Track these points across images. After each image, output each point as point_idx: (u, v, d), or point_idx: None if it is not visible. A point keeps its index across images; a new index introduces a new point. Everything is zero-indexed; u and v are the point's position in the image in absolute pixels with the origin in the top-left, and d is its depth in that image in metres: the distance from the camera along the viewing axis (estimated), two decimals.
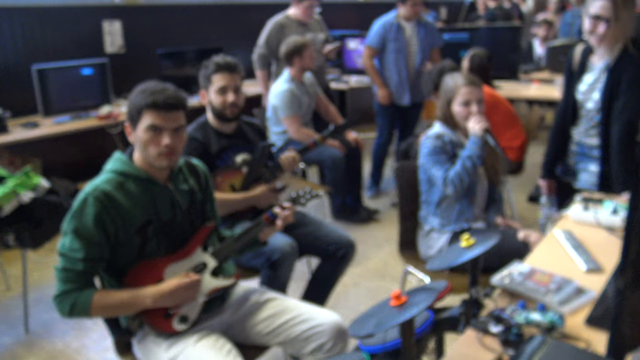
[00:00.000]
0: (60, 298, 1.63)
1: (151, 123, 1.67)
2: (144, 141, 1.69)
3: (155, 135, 1.68)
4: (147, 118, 1.67)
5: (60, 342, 2.80)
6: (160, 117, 1.67)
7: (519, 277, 1.53)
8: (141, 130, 1.68)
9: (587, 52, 2.46)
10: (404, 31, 4.34)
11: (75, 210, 1.64)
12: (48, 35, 4.78)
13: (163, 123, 1.68)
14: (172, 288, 1.66)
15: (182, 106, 1.72)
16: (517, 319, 1.27)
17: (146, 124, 1.67)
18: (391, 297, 1.18)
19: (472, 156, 2.22)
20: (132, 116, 1.69)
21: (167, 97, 1.67)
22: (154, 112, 1.67)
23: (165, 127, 1.69)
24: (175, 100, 1.69)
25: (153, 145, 1.69)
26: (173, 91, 1.71)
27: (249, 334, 1.85)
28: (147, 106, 1.66)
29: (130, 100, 1.70)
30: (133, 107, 1.68)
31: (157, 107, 1.66)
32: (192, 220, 1.86)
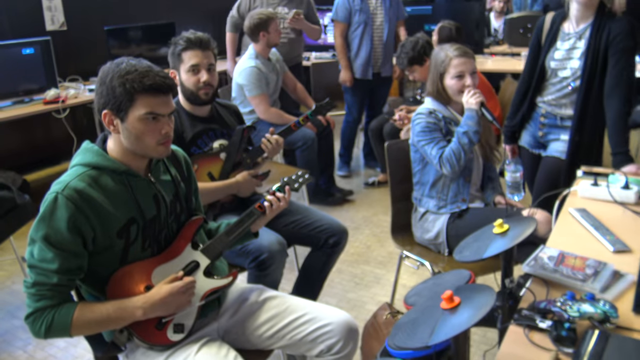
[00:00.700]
0: (33, 317, 1.39)
1: (149, 110, 1.44)
2: (139, 131, 1.45)
3: (153, 123, 1.45)
4: (142, 104, 1.43)
5: (23, 353, 2.53)
6: (158, 103, 1.44)
7: (550, 263, 1.42)
8: (135, 119, 1.44)
9: (557, 20, 2.39)
10: (368, 2, 4.16)
11: (44, 214, 1.39)
12: None
13: (161, 109, 1.46)
14: (165, 295, 1.46)
15: (175, 88, 1.50)
16: (571, 313, 1.15)
17: (142, 112, 1.43)
18: (442, 298, 1.03)
19: (468, 132, 2.10)
20: (118, 103, 1.43)
21: (163, 78, 1.45)
22: (151, 97, 1.43)
23: (163, 113, 1.46)
24: (170, 81, 1.47)
25: (151, 134, 1.46)
26: (161, 70, 1.48)
27: (249, 338, 1.67)
28: (143, 91, 1.42)
29: (109, 84, 1.43)
30: (120, 93, 1.42)
31: (154, 92, 1.43)
32: (177, 215, 1.65)
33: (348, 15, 4.16)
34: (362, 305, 2.75)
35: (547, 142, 2.52)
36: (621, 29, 2.16)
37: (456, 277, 1.50)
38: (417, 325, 1.03)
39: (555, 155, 2.43)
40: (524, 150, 2.62)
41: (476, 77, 2.18)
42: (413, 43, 3.46)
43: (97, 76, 1.48)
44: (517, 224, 1.34)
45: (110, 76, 1.43)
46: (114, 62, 1.47)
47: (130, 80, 1.41)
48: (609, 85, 2.20)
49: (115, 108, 1.44)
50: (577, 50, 2.31)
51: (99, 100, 1.47)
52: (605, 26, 2.20)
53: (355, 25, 4.17)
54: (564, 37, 2.35)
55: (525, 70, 2.56)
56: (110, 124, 1.47)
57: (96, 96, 1.48)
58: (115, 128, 1.47)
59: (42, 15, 4.81)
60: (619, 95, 2.17)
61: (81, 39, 5.05)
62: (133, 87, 1.41)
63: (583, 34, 2.29)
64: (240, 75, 3.63)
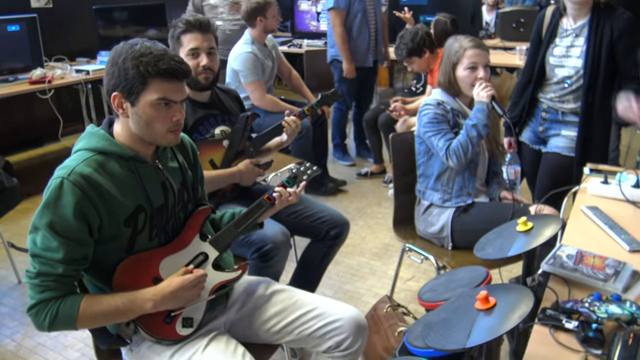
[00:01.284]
0: (36, 309, 1.33)
1: (162, 95, 1.37)
2: (149, 116, 1.38)
3: (165, 110, 1.39)
4: (155, 89, 1.36)
5: (11, 342, 2.45)
6: (172, 89, 1.38)
7: (569, 262, 1.40)
8: (146, 104, 1.37)
9: (557, 15, 2.37)
10: None
11: (48, 200, 1.32)
12: None
13: (175, 95, 1.39)
14: (176, 287, 1.40)
15: (190, 74, 1.43)
16: (599, 314, 1.13)
17: (154, 97, 1.36)
18: (477, 298, 1.00)
19: (477, 125, 2.07)
20: (130, 86, 1.36)
21: (179, 63, 1.38)
22: (165, 82, 1.37)
23: (176, 100, 1.40)
24: (186, 66, 1.40)
25: (161, 121, 1.39)
26: (176, 55, 1.41)
27: (256, 332, 1.63)
28: (157, 75, 1.35)
29: (122, 65, 1.36)
30: (132, 75, 1.35)
31: (169, 76, 1.36)
32: (185, 204, 1.59)
33: (348, 3, 4.09)
34: (359, 297, 2.73)
35: (547, 137, 2.51)
36: (624, 27, 2.15)
37: (472, 274, 1.48)
38: (451, 325, 0.99)
39: (556, 151, 2.43)
40: (524, 145, 2.61)
41: (488, 70, 2.15)
42: (412, 34, 3.42)
43: (109, 56, 1.42)
44: (542, 223, 1.31)
45: (124, 57, 1.36)
46: (128, 43, 1.40)
47: (144, 63, 1.34)
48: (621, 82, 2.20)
49: (126, 91, 1.37)
50: (575, 48, 2.30)
51: (109, 81, 1.40)
52: (605, 23, 2.19)
53: (354, 13, 4.10)
54: (563, 34, 2.34)
55: (527, 64, 2.55)
56: (119, 107, 1.40)
57: (106, 77, 1.40)
58: (124, 112, 1.40)
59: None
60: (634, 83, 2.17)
61: (67, 18, 4.90)
62: (147, 70, 1.34)
63: (581, 31, 2.27)
64: (236, 60, 3.55)
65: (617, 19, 2.17)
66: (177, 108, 1.43)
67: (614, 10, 2.19)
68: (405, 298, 2.69)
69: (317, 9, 5.60)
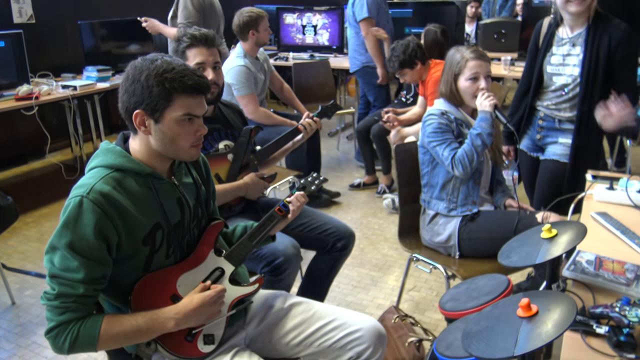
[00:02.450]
0: (56, 332, 1.29)
1: (187, 111, 1.36)
2: (175, 132, 1.37)
3: (188, 125, 1.38)
4: (180, 105, 1.35)
5: None
6: (195, 104, 1.37)
7: (590, 267, 1.42)
8: (172, 120, 1.35)
9: (553, 25, 2.43)
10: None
11: (67, 220, 1.29)
12: None
13: (198, 110, 1.39)
14: (197, 305, 1.38)
15: (210, 88, 1.42)
16: (630, 318, 1.15)
17: (180, 113, 1.35)
18: (519, 306, 1.00)
19: (482, 134, 2.10)
20: (154, 103, 1.34)
21: (201, 77, 1.37)
22: (190, 98, 1.36)
23: (199, 115, 1.39)
24: (207, 80, 1.40)
25: (186, 137, 1.38)
26: (197, 69, 1.41)
27: (276, 346, 1.61)
28: (183, 91, 1.34)
29: (145, 82, 1.33)
30: (157, 93, 1.33)
31: (194, 92, 1.36)
32: (199, 220, 1.57)
33: (376, 13, 4.22)
34: (363, 309, 2.72)
35: (544, 145, 2.55)
36: (621, 37, 2.20)
37: (493, 282, 1.49)
38: (495, 334, 0.99)
39: (554, 159, 2.47)
40: (522, 153, 2.65)
41: (490, 80, 2.18)
42: (404, 46, 3.46)
43: (125, 72, 1.39)
44: (566, 229, 1.33)
45: (146, 74, 1.34)
46: (147, 59, 1.37)
47: (169, 79, 1.33)
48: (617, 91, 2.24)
49: (150, 108, 1.35)
50: (572, 57, 2.34)
51: (129, 99, 1.37)
52: (603, 33, 2.24)
53: (382, 21, 4.26)
54: (559, 42, 2.38)
55: (524, 74, 2.59)
56: (141, 125, 1.38)
57: (125, 94, 1.37)
58: (147, 129, 1.38)
59: (9, 7, 4.57)
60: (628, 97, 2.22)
61: (50, 34, 4.84)
62: (173, 86, 1.33)
63: (577, 40, 2.32)
64: (229, 74, 3.53)
65: (614, 29, 2.22)
66: (200, 123, 1.42)
67: (611, 21, 2.24)
68: (409, 308, 2.69)
69: (302, 22, 5.63)
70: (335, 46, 5.61)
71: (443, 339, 1.27)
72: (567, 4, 2.21)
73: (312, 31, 5.64)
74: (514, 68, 4.62)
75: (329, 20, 5.55)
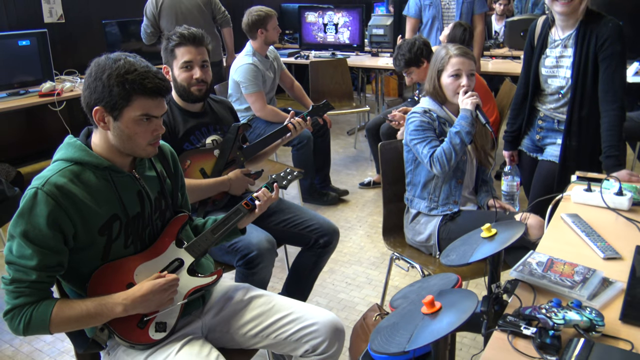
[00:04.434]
0: (11, 315, 1.37)
1: (145, 112, 1.42)
2: (132, 131, 1.42)
3: (146, 124, 1.43)
4: (139, 106, 1.40)
5: (8, 347, 2.51)
6: (154, 105, 1.43)
7: (538, 269, 1.40)
8: (129, 119, 1.41)
9: (547, 25, 2.36)
10: None
11: (23, 210, 1.37)
12: None
13: (156, 111, 1.44)
14: (146, 291, 1.43)
15: (170, 90, 1.48)
16: (556, 320, 1.13)
17: (138, 113, 1.41)
18: (423, 303, 1.01)
19: (461, 132, 2.08)
20: (113, 102, 1.39)
21: (162, 80, 1.42)
22: (148, 99, 1.41)
23: (157, 115, 1.44)
24: (167, 84, 1.45)
25: (143, 135, 1.44)
26: (158, 71, 1.45)
27: (233, 336, 1.65)
28: (143, 92, 1.39)
29: (106, 81, 1.39)
30: (117, 92, 1.38)
31: (152, 94, 1.41)
32: (162, 212, 1.62)
33: (419, 10, 4.22)
34: (353, 306, 2.73)
35: (544, 145, 2.50)
36: (608, 34, 2.13)
37: (444, 281, 1.48)
38: (397, 329, 1.00)
39: (551, 160, 2.41)
40: (523, 154, 2.60)
41: (473, 79, 2.15)
42: (410, 45, 3.42)
43: (89, 69, 1.45)
44: (506, 229, 1.31)
45: (108, 73, 1.39)
46: (110, 58, 1.42)
47: (130, 80, 1.38)
48: (602, 90, 2.17)
49: (109, 106, 1.41)
50: (565, 59, 2.29)
51: (90, 95, 1.42)
52: (592, 32, 2.17)
53: (425, 20, 4.23)
54: (552, 44, 2.33)
55: (522, 74, 2.53)
56: (100, 121, 1.44)
57: (87, 90, 1.43)
58: (105, 125, 1.44)
59: (40, 7, 4.79)
60: (612, 100, 2.15)
61: (79, 33, 5.03)
62: (133, 88, 1.38)
63: (568, 42, 2.26)
64: (237, 72, 3.60)
65: (603, 27, 2.15)
66: (158, 122, 1.47)
67: (601, 19, 2.17)
68: None
69: (324, 20, 5.65)
70: (356, 44, 5.61)
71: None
72: (553, 4, 2.16)
73: (334, 29, 5.66)
74: None
75: (350, 19, 5.56)
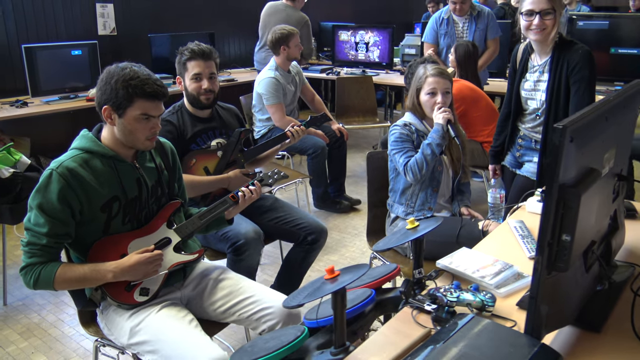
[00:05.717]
0: (25, 271, 1.68)
1: (144, 112, 1.72)
2: (133, 127, 1.73)
3: (145, 122, 1.74)
4: (139, 107, 1.72)
5: (36, 315, 2.87)
6: (152, 107, 1.74)
7: (460, 261, 1.60)
8: (131, 118, 1.72)
9: (527, 52, 2.54)
10: (455, 25, 4.42)
11: (39, 186, 1.68)
12: (40, 16, 4.81)
13: (154, 111, 1.75)
14: (133, 262, 1.72)
15: (167, 95, 1.79)
16: (450, 298, 1.33)
17: (138, 112, 1.72)
18: (325, 271, 1.25)
19: (432, 144, 2.28)
20: (118, 102, 1.71)
21: (160, 87, 1.73)
22: (147, 102, 1.72)
23: (154, 115, 1.75)
24: (165, 89, 1.76)
25: (142, 131, 1.75)
26: (157, 78, 1.76)
27: (206, 310, 1.92)
28: (143, 95, 1.70)
29: (114, 85, 1.70)
30: (122, 95, 1.69)
31: (152, 97, 1.72)
32: (158, 198, 1.92)
33: (435, 37, 4.48)
34: None
35: (523, 162, 2.66)
36: (578, 60, 2.29)
37: (385, 269, 1.70)
38: (304, 291, 1.24)
39: (526, 175, 2.58)
40: (506, 168, 2.77)
41: (449, 96, 2.36)
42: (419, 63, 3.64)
43: (102, 74, 1.77)
44: (428, 223, 1.53)
45: (115, 78, 1.71)
46: (119, 67, 1.75)
47: (132, 85, 1.69)
48: (572, 111, 2.33)
49: (115, 106, 1.73)
50: (541, 83, 2.46)
51: (101, 96, 1.75)
52: (564, 58, 2.34)
53: (441, 47, 4.50)
54: (532, 69, 2.50)
55: (507, 95, 2.71)
56: (108, 118, 1.76)
57: (99, 92, 1.76)
58: (112, 121, 1.76)
59: (95, 21, 5.29)
60: None
61: (127, 45, 5.51)
62: (135, 91, 1.69)
63: (544, 67, 2.43)
64: (260, 84, 3.93)
65: (573, 54, 2.31)
66: (155, 121, 1.78)
67: (573, 46, 2.34)
68: None
69: (356, 39, 5.93)
70: (385, 62, 5.86)
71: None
72: (527, 32, 2.34)
73: (364, 48, 5.92)
74: None
75: (380, 38, 5.81)
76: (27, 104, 4.24)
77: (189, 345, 1.64)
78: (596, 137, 1.22)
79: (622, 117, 1.40)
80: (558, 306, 1.22)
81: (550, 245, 1.12)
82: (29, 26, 4.72)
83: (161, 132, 2.41)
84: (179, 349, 1.64)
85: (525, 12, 2.30)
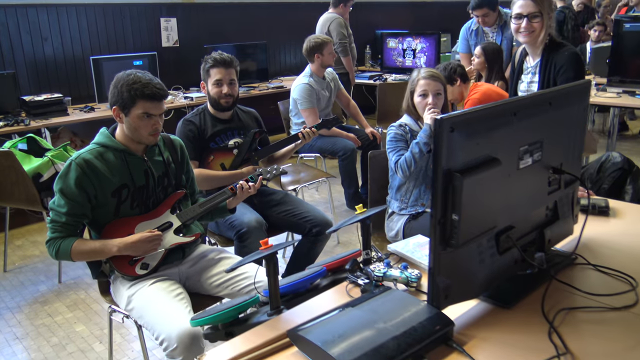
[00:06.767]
0: (49, 243, 2.02)
1: (145, 111, 2.01)
2: (137, 124, 2.03)
3: (147, 120, 2.03)
4: (141, 107, 2.01)
5: (84, 292, 3.28)
6: (152, 106, 2.02)
7: (413, 247, 1.74)
8: (135, 117, 2.02)
9: (522, 54, 2.59)
10: (485, 36, 4.53)
11: (61, 174, 2.02)
12: (111, 31, 5.36)
13: (154, 110, 2.03)
14: (135, 240, 2.01)
15: (167, 96, 2.07)
16: (377, 273, 1.50)
17: (140, 111, 2.01)
18: (261, 242, 1.46)
19: (419, 143, 2.42)
20: (124, 103, 2.01)
21: (159, 89, 2.02)
22: (148, 102, 2.01)
23: (155, 114, 2.04)
24: (164, 91, 2.04)
25: (144, 128, 2.04)
26: (159, 82, 2.05)
27: (202, 284, 2.18)
28: (143, 97, 1.99)
29: (120, 88, 2.01)
30: (126, 96, 1.99)
31: (151, 98, 2.01)
32: (164, 187, 2.20)
33: (467, 47, 4.62)
34: None
35: None
36: (563, 62, 2.34)
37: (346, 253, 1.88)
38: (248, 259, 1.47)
39: None
40: None
41: (440, 97, 2.48)
42: (444, 65, 3.75)
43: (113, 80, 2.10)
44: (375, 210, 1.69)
45: (122, 83, 2.03)
46: (126, 73, 2.06)
47: (135, 88, 1.99)
48: None
49: (121, 106, 2.04)
50: (534, 84, 2.52)
51: (111, 98, 2.08)
52: (552, 60, 2.39)
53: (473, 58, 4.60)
54: (526, 70, 2.57)
55: (509, 95, 2.78)
56: (117, 116, 2.07)
57: (110, 95, 2.08)
58: (120, 119, 2.07)
59: (160, 34, 5.80)
60: None
61: (188, 55, 5.98)
62: (136, 94, 1.99)
63: (536, 69, 2.49)
64: (295, 90, 4.18)
65: (560, 55, 2.37)
66: (156, 119, 2.06)
67: (561, 48, 2.39)
68: None
69: (403, 46, 6.06)
70: None
71: None
72: (517, 34, 2.42)
73: (412, 54, 6.04)
74: (600, 94, 4.54)
75: (427, 45, 5.90)
76: (93, 109, 4.76)
77: (166, 315, 1.90)
78: (498, 130, 1.35)
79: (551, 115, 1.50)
80: (459, 280, 1.35)
81: (441, 223, 1.27)
82: (101, 40, 5.28)
83: (183, 131, 2.73)
84: (157, 317, 1.90)
85: (514, 16, 2.39)
